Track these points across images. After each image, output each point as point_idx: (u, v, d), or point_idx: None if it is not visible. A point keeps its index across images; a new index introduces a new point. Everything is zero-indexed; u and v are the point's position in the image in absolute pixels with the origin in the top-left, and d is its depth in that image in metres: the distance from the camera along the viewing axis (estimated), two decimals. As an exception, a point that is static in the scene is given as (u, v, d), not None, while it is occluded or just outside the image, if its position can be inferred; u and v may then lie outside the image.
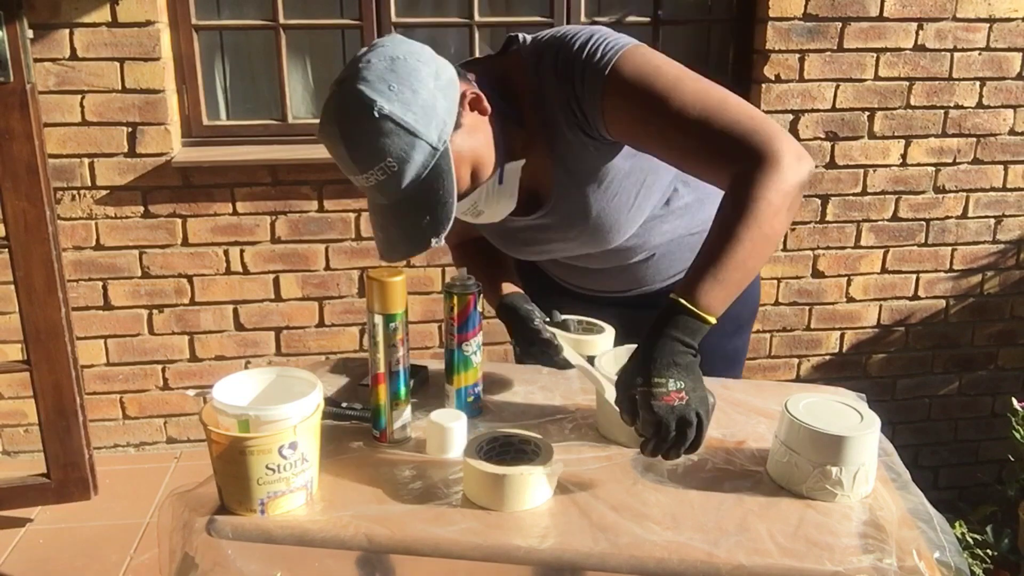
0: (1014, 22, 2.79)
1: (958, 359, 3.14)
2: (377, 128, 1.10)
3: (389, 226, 1.19)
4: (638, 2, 2.90)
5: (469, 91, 1.19)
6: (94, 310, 2.75)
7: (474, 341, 1.31)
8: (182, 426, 2.92)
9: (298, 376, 1.18)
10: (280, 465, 1.06)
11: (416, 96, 1.11)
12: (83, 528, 2.52)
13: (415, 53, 1.15)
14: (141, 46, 2.54)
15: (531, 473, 1.09)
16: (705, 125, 1.15)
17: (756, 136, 1.13)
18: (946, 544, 1.03)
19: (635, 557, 1.01)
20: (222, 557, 1.07)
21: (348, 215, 2.76)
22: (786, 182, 1.10)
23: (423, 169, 1.13)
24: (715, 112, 1.15)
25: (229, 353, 2.85)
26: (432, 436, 1.22)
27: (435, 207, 1.15)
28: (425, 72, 1.13)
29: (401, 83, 1.11)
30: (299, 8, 2.81)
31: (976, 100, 2.86)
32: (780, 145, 1.12)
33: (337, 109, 1.12)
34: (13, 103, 2.25)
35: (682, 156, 1.21)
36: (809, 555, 1.00)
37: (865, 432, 1.11)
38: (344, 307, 2.86)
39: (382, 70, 1.12)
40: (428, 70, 1.14)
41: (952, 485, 3.19)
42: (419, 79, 1.12)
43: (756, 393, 1.41)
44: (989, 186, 2.96)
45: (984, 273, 3.05)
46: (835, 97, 2.79)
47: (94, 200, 2.65)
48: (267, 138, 2.77)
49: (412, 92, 1.11)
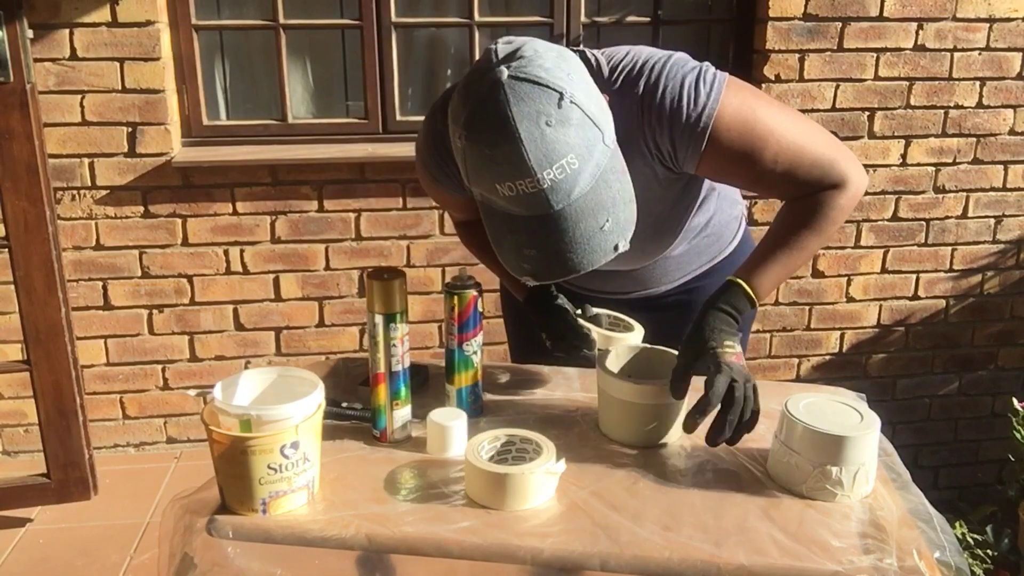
0: (1014, 22, 2.79)
1: (958, 359, 3.14)
2: (564, 119, 1.00)
3: (548, 239, 1.05)
4: (638, 2, 2.90)
5: None
6: (94, 310, 2.75)
7: (474, 341, 1.31)
8: (182, 426, 2.92)
9: (299, 376, 1.18)
10: (282, 465, 1.06)
11: (591, 87, 1.06)
12: (83, 528, 2.52)
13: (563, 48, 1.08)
14: (141, 46, 2.54)
15: (532, 472, 1.09)
16: (795, 165, 1.22)
17: (834, 169, 1.23)
18: (946, 544, 1.04)
19: (636, 557, 1.01)
20: (222, 557, 1.07)
21: (348, 215, 2.76)
22: (850, 203, 1.25)
23: (597, 169, 1.04)
24: (803, 152, 1.22)
25: (229, 353, 2.85)
26: (432, 436, 1.23)
27: (614, 208, 1.06)
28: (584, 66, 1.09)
29: (576, 74, 1.03)
30: (299, 8, 2.81)
31: (976, 100, 2.86)
32: (851, 173, 1.24)
33: (512, 101, 0.99)
34: (13, 103, 2.25)
35: (768, 189, 1.27)
36: (809, 555, 1.00)
37: (865, 432, 1.11)
38: (344, 307, 2.86)
39: (554, 58, 1.03)
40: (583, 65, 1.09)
41: (952, 485, 3.19)
42: (584, 73, 1.06)
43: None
44: (989, 186, 2.96)
45: (984, 273, 3.05)
46: (835, 97, 2.79)
47: (94, 200, 2.65)
48: (267, 138, 2.77)
49: (586, 83, 1.05)
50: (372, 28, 2.71)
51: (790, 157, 1.21)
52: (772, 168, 1.21)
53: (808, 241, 1.25)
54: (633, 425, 1.26)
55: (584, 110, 1.01)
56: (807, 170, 1.22)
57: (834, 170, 1.23)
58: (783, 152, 1.20)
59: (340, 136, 2.77)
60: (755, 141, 1.19)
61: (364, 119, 2.80)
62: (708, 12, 3.01)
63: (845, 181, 1.23)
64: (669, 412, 1.25)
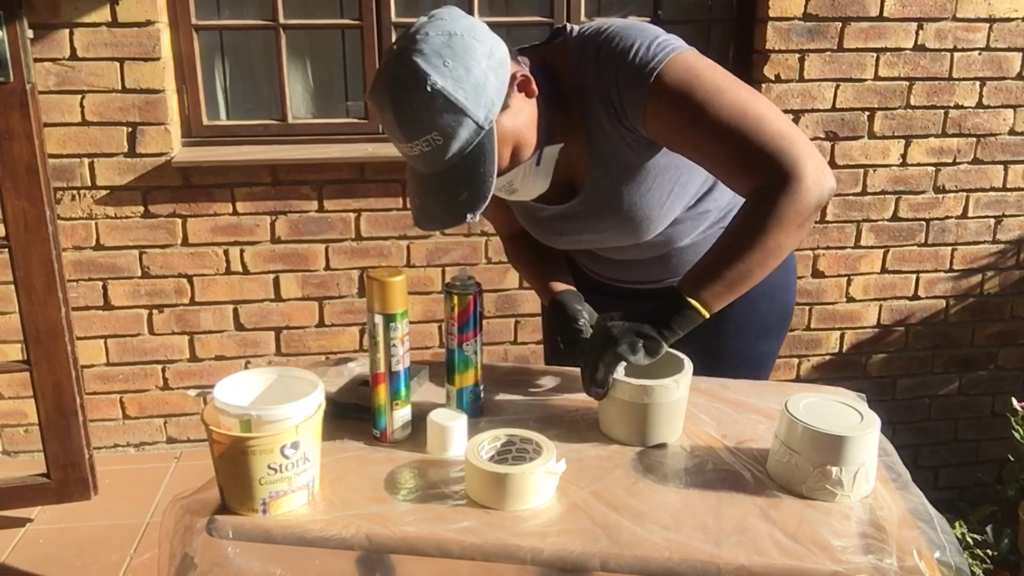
0: (1014, 22, 2.79)
1: (958, 359, 3.14)
2: (428, 102, 1.11)
3: (427, 196, 1.22)
4: (638, 2, 2.90)
5: (519, 72, 1.21)
6: (94, 310, 2.75)
7: (474, 341, 1.31)
8: (182, 426, 2.92)
9: (299, 376, 1.18)
10: (282, 465, 1.06)
11: (469, 74, 1.13)
12: (83, 528, 2.52)
13: (472, 30, 1.16)
14: (141, 46, 2.54)
15: (532, 472, 1.09)
16: (737, 138, 1.18)
17: (783, 156, 1.17)
18: (946, 544, 1.04)
19: (636, 557, 1.01)
20: (222, 557, 1.07)
21: (348, 215, 2.76)
22: (801, 203, 1.16)
23: (467, 146, 1.16)
24: (749, 126, 1.18)
25: (229, 353, 2.85)
26: (432, 436, 1.23)
27: (474, 184, 1.17)
28: (480, 51, 1.14)
29: (456, 59, 1.12)
30: (299, 8, 2.81)
31: (976, 100, 2.86)
32: (804, 167, 1.16)
33: (390, 77, 1.13)
34: (13, 103, 2.25)
35: (712, 163, 1.25)
36: (809, 555, 1.00)
37: (865, 432, 1.11)
38: (344, 307, 2.86)
39: (439, 44, 1.13)
40: (483, 48, 1.15)
41: (952, 485, 3.19)
42: (473, 57, 1.14)
43: (756, 393, 1.41)
44: (989, 186, 2.96)
45: (984, 273, 3.05)
46: (835, 97, 2.79)
47: (94, 200, 2.65)
48: (267, 138, 2.77)
49: (465, 70, 1.13)
50: (372, 28, 2.71)
51: (730, 128, 1.17)
52: (715, 131, 1.18)
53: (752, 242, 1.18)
54: (632, 425, 1.26)
55: (448, 96, 1.11)
56: (756, 143, 1.17)
57: (786, 154, 1.16)
58: (722, 121, 1.18)
59: (340, 136, 2.77)
60: (694, 101, 1.19)
61: (364, 119, 2.80)
62: (708, 12, 3.01)
63: (798, 173, 1.15)
64: (668, 412, 1.25)
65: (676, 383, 1.24)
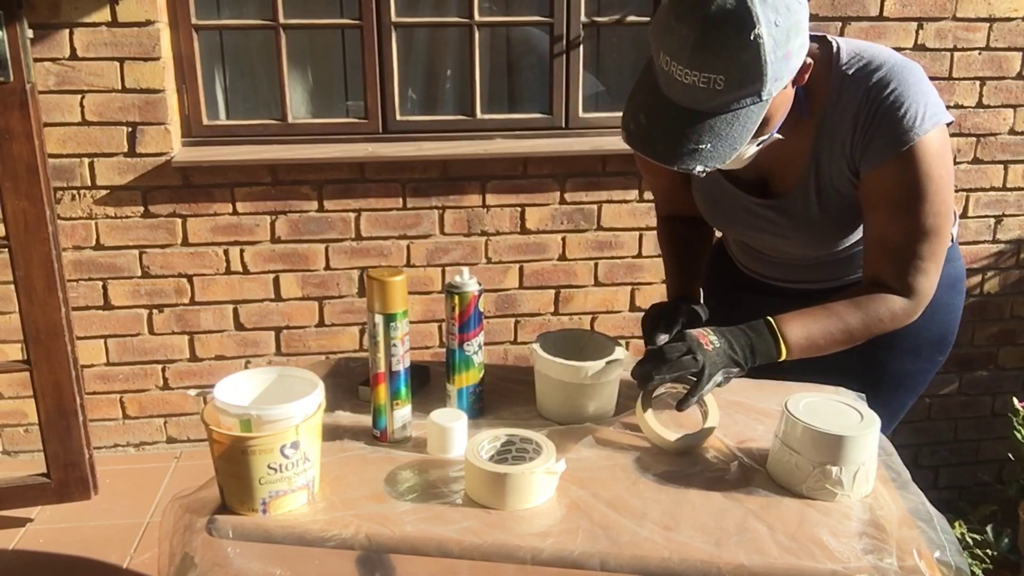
0: (1014, 22, 2.79)
1: (958, 359, 3.13)
2: (741, 49, 1.06)
3: (660, 122, 1.14)
4: (638, 2, 2.90)
5: (807, 61, 1.17)
6: (94, 310, 2.75)
7: (475, 341, 1.31)
8: (182, 426, 2.92)
9: (299, 376, 1.18)
10: (282, 465, 1.06)
11: (787, 42, 1.09)
12: (83, 528, 2.52)
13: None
14: (141, 46, 2.54)
15: (532, 472, 1.09)
16: (918, 243, 1.25)
17: (924, 282, 1.28)
18: (946, 544, 1.04)
19: (636, 556, 1.02)
20: (222, 557, 1.07)
21: (348, 215, 2.76)
22: (901, 324, 1.30)
23: (740, 106, 1.10)
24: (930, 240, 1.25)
25: (229, 353, 2.85)
26: (432, 436, 1.23)
27: (720, 142, 1.11)
28: (804, 21, 1.11)
29: (786, 22, 1.07)
30: (299, 8, 2.81)
31: (976, 100, 2.86)
32: (926, 301, 1.29)
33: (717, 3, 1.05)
34: (13, 103, 2.25)
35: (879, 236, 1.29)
36: (809, 555, 1.01)
37: (865, 432, 1.11)
38: (344, 307, 2.86)
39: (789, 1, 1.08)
40: (804, 20, 1.12)
41: (952, 485, 3.19)
42: (798, 26, 1.10)
43: (756, 393, 1.41)
44: (989, 186, 2.96)
45: (984, 273, 3.05)
46: (835, 97, 2.79)
47: (94, 200, 2.65)
48: (267, 138, 2.77)
49: (786, 36, 1.08)
50: (372, 28, 2.71)
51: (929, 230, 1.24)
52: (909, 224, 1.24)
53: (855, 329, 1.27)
54: (558, 402, 1.31)
55: (762, 55, 1.05)
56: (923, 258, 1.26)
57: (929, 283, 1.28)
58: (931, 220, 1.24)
59: (340, 136, 2.77)
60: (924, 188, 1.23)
61: (364, 119, 2.80)
62: (708, 12, 3.00)
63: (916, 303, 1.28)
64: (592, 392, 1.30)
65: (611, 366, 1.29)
